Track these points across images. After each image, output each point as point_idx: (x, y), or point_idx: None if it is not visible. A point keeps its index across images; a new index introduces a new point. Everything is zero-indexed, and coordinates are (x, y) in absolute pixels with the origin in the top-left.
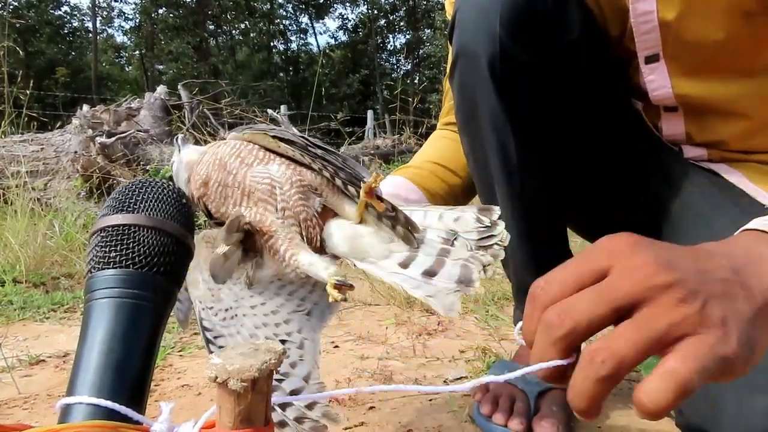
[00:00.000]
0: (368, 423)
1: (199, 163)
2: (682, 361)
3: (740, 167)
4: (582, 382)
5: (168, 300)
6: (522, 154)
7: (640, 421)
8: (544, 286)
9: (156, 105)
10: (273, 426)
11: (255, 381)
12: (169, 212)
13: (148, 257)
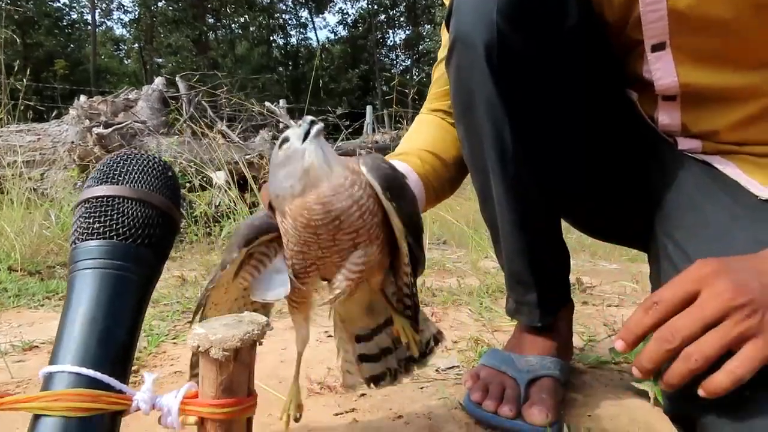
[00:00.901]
0: (359, 409)
1: (338, 191)
2: (740, 364)
3: (734, 159)
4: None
5: (153, 273)
6: (518, 142)
7: (630, 410)
8: (656, 304)
9: (154, 96)
10: (256, 397)
11: (237, 351)
12: (154, 185)
13: (132, 229)
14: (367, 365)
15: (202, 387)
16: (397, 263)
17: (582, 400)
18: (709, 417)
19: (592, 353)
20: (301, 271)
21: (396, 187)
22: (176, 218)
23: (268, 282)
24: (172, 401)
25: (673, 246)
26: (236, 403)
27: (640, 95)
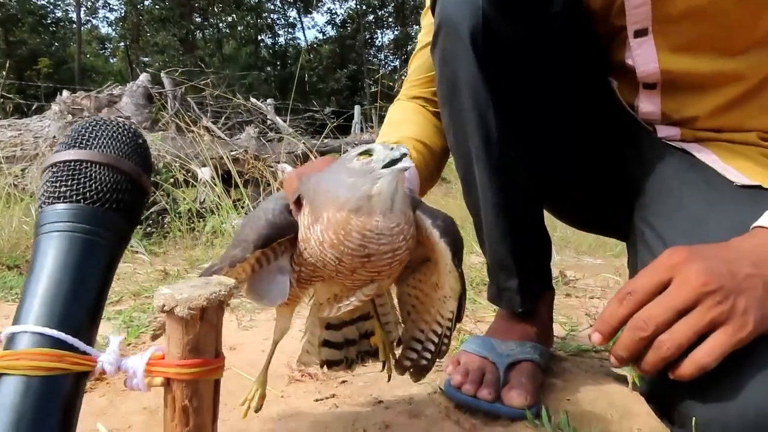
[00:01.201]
0: (339, 395)
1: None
2: (706, 353)
3: (711, 146)
4: (648, 356)
5: (122, 238)
6: (502, 128)
7: (609, 395)
8: (630, 294)
9: (138, 93)
10: (223, 359)
11: (204, 310)
12: (124, 150)
13: (100, 193)
14: (327, 350)
15: (168, 347)
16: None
17: (561, 385)
18: (682, 397)
19: (574, 342)
20: (306, 280)
21: (461, 251)
22: (146, 185)
23: (266, 283)
24: (138, 363)
25: (650, 232)
26: (203, 363)
27: (621, 83)
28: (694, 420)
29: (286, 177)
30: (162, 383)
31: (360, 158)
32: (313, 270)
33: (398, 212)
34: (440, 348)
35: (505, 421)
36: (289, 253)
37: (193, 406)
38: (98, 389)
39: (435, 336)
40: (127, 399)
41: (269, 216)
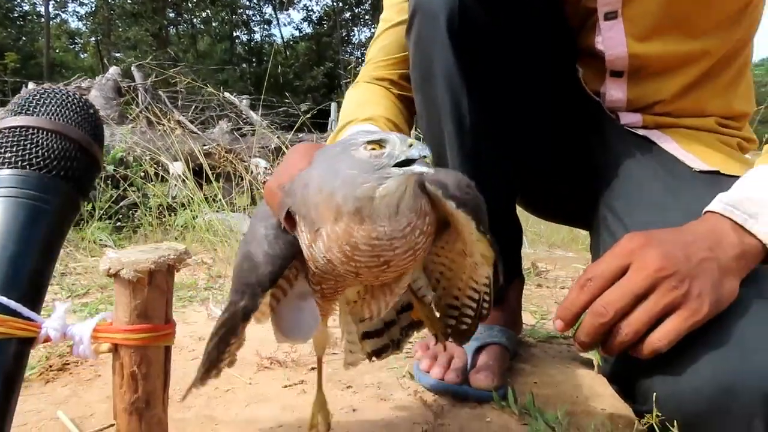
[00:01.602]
0: (308, 381)
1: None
2: (662, 338)
3: (671, 133)
4: (609, 342)
5: (70, 207)
6: (475, 114)
7: (575, 378)
8: (590, 281)
9: (108, 86)
10: (174, 326)
11: (152, 274)
12: (73, 118)
13: (47, 160)
14: (369, 341)
15: (116, 313)
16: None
17: (530, 369)
18: (642, 376)
19: (543, 330)
20: (331, 293)
21: (484, 216)
22: (97, 155)
23: (292, 316)
24: (84, 329)
25: (612, 217)
26: (152, 329)
27: (587, 70)
28: (654, 395)
29: (267, 189)
30: (109, 349)
31: (369, 147)
32: (335, 283)
33: (405, 212)
34: (480, 312)
35: (472, 403)
36: (302, 274)
37: (142, 373)
38: (61, 379)
39: (472, 301)
40: (91, 388)
41: (265, 247)
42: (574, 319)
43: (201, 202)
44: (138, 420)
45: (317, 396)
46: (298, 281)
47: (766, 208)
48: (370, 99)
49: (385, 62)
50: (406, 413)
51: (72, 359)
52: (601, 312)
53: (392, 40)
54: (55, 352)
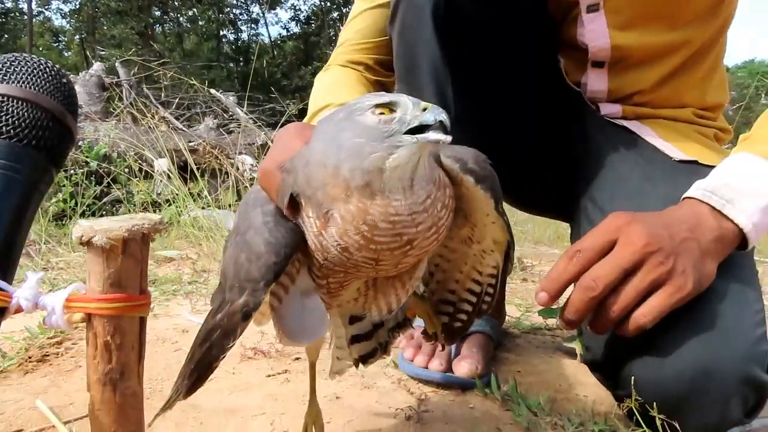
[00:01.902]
0: (291, 371)
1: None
2: (647, 314)
3: (650, 124)
4: (598, 319)
5: (42, 177)
6: (460, 104)
7: (558, 367)
8: (579, 252)
9: (92, 82)
10: (149, 297)
11: (126, 243)
12: (45, 87)
13: (18, 128)
14: (357, 346)
15: (89, 283)
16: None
17: (513, 358)
18: (623, 361)
19: (527, 321)
20: (338, 287)
21: (501, 196)
22: (70, 125)
23: (296, 317)
24: (56, 299)
25: (592, 206)
26: (126, 299)
27: (568, 61)
28: (633, 379)
29: (262, 171)
30: (82, 319)
31: (377, 112)
32: (344, 276)
33: (422, 184)
34: (479, 307)
35: (456, 390)
36: (305, 267)
37: (116, 343)
38: (40, 370)
39: (472, 296)
40: (71, 378)
41: (266, 235)
42: (560, 291)
43: (186, 196)
44: (112, 391)
45: (310, 406)
46: (301, 276)
47: (742, 194)
48: (344, 82)
49: (361, 45)
50: (390, 400)
51: (52, 351)
52: (591, 286)
53: (369, 23)
54: (35, 344)
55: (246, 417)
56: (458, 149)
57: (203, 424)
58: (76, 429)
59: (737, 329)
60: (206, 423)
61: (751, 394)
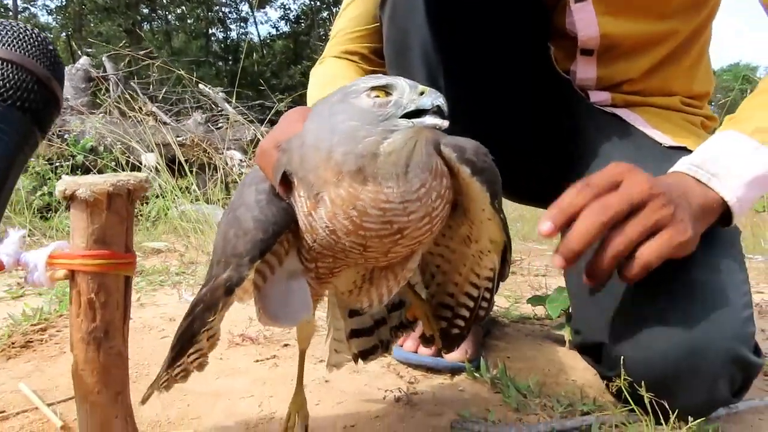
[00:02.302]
0: (280, 357)
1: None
2: (653, 252)
3: (639, 111)
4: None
5: (26, 140)
6: (451, 89)
7: (547, 353)
8: (588, 186)
9: (78, 76)
10: (135, 257)
11: (110, 198)
12: (31, 52)
13: (2, 89)
14: (357, 341)
15: (73, 239)
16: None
17: (503, 346)
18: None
19: (517, 312)
20: (327, 274)
21: (500, 190)
22: (56, 91)
23: (280, 298)
24: (39, 255)
25: None
26: (111, 255)
27: (558, 49)
28: (623, 359)
29: (260, 149)
30: (66, 276)
31: (373, 95)
32: (333, 260)
33: (416, 172)
34: (476, 313)
35: (446, 374)
36: (294, 249)
37: (101, 301)
38: (23, 356)
39: (469, 300)
40: (55, 364)
41: (255, 212)
42: (566, 222)
43: (174, 188)
44: (96, 350)
45: (296, 394)
46: (289, 257)
47: (727, 169)
48: (341, 74)
49: (355, 34)
50: (380, 383)
51: (36, 337)
52: (601, 212)
53: (362, 11)
54: (18, 331)
55: (234, 399)
56: (459, 139)
57: (190, 406)
58: (60, 411)
59: (726, 310)
60: (193, 405)
61: (738, 374)
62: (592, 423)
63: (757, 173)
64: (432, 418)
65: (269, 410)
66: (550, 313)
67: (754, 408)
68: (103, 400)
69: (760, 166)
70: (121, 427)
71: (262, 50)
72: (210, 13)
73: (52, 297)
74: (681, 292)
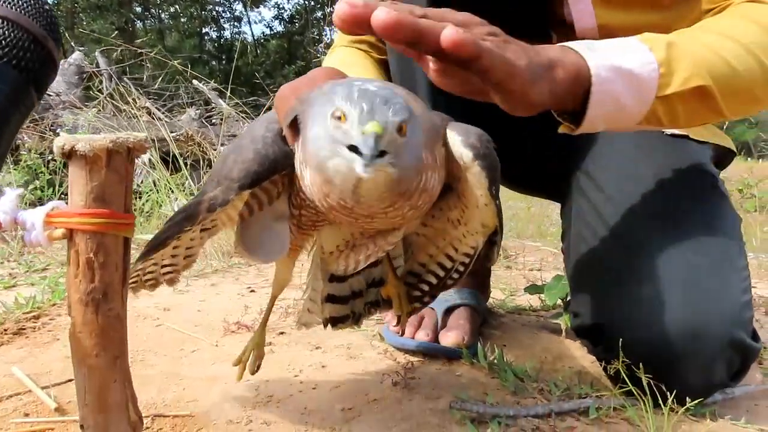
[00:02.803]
0: (276, 343)
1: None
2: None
3: None
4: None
5: (22, 99)
6: None
7: (544, 341)
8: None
9: (70, 71)
10: (134, 218)
11: (110, 155)
12: (27, 9)
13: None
14: (331, 305)
15: (71, 197)
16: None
17: (499, 334)
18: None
19: (512, 304)
20: (309, 225)
21: (498, 179)
22: (52, 51)
23: (260, 234)
24: (36, 214)
25: (585, 178)
26: (110, 215)
27: (559, 38)
28: (621, 342)
29: (279, 94)
30: (64, 235)
31: (336, 114)
32: (315, 213)
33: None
34: (444, 281)
35: (442, 359)
36: (286, 194)
37: (99, 261)
38: (16, 342)
39: (441, 269)
40: (49, 350)
41: (258, 146)
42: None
43: (169, 182)
44: (94, 312)
45: (257, 333)
46: (280, 200)
47: (603, 51)
48: (348, 62)
49: None
50: (377, 369)
51: (29, 325)
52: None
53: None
54: (10, 318)
55: (230, 383)
56: (465, 126)
57: (186, 390)
58: (54, 394)
59: (725, 294)
60: (189, 388)
61: (736, 357)
62: (590, 405)
63: (629, 66)
64: (430, 401)
65: (266, 394)
66: (548, 300)
67: (750, 394)
68: (101, 363)
69: (635, 61)
70: (119, 392)
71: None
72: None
73: (45, 287)
74: (681, 275)
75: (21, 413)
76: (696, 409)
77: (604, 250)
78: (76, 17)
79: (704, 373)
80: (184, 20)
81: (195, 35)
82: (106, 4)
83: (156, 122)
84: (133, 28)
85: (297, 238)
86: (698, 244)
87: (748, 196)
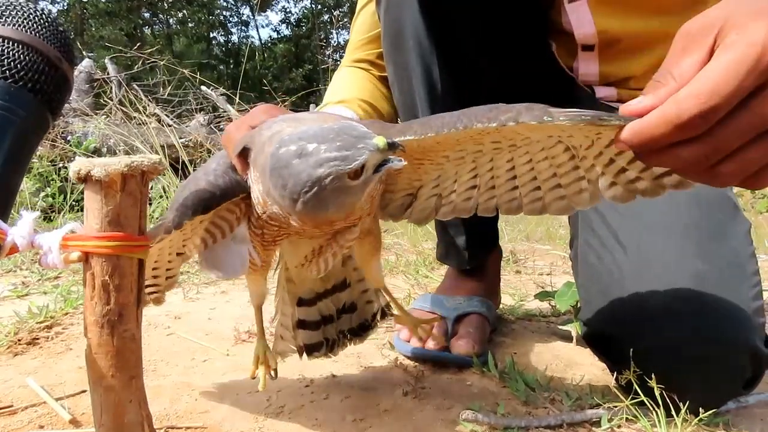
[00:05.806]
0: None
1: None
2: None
3: None
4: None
5: (38, 122)
6: (446, 80)
7: (554, 349)
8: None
9: (80, 78)
10: (148, 240)
11: (125, 179)
12: (42, 33)
13: (13, 70)
14: (303, 332)
15: (87, 221)
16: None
17: (509, 342)
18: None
19: (522, 309)
20: (271, 241)
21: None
22: (67, 73)
23: (221, 254)
24: (53, 237)
25: None
26: (125, 238)
27: (560, 46)
28: (632, 351)
29: (226, 132)
30: (80, 258)
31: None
32: (278, 229)
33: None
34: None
35: (453, 368)
36: (245, 218)
37: (115, 284)
38: (30, 352)
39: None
40: (63, 360)
41: (210, 177)
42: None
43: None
44: (110, 333)
45: (258, 343)
46: (240, 227)
47: None
48: (347, 82)
49: (362, 42)
50: (387, 378)
51: (42, 334)
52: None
53: (366, 18)
54: (24, 328)
55: (241, 394)
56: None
57: (198, 401)
58: (68, 405)
59: (735, 301)
60: (201, 399)
61: (749, 365)
62: (603, 416)
63: None
64: (441, 411)
65: (277, 405)
66: (559, 307)
67: (764, 402)
68: (116, 384)
69: None
70: (135, 412)
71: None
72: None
73: (57, 296)
74: (690, 283)
75: (36, 425)
76: (709, 419)
77: (612, 259)
78: (86, 23)
79: (716, 381)
80: (192, 25)
81: (203, 40)
82: (115, 11)
83: (165, 128)
84: (142, 33)
85: (262, 254)
86: (707, 251)
87: (760, 196)
